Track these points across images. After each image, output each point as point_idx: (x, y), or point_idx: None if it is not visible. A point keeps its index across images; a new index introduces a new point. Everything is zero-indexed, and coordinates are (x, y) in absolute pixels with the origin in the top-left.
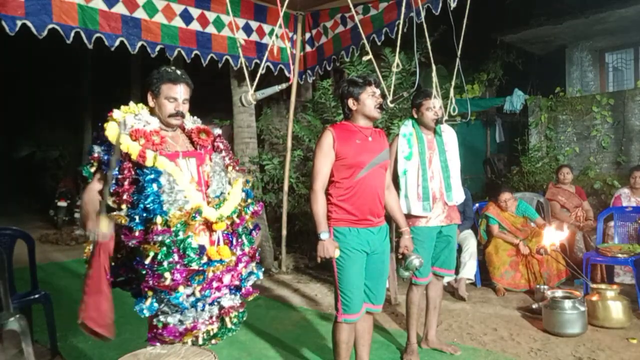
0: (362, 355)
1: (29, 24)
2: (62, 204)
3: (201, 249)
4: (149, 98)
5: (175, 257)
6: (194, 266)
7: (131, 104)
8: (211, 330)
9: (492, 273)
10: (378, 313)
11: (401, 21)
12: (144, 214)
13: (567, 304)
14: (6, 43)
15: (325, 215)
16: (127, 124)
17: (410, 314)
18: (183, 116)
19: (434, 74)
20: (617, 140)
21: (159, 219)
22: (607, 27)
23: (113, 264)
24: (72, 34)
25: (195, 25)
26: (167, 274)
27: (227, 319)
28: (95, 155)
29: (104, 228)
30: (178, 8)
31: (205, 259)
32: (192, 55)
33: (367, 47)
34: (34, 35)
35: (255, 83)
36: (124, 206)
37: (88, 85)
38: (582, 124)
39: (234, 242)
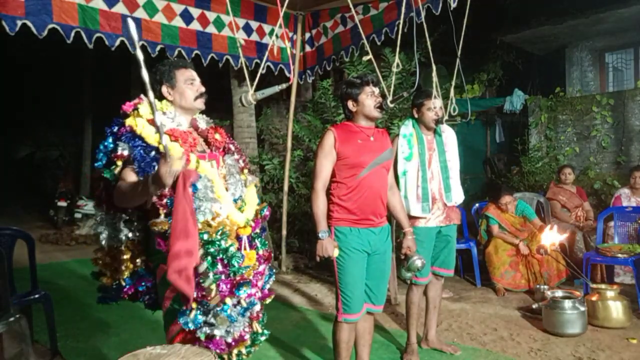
0: (362, 355)
1: (29, 23)
2: (62, 204)
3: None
4: (166, 91)
5: (220, 267)
6: (239, 276)
7: (142, 99)
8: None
9: (492, 273)
10: (378, 313)
11: (401, 21)
12: None
13: (567, 304)
14: (6, 43)
15: (325, 215)
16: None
17: (410, 314)
18: (206, 97)
19: (434, 74)
20: (617, 140)
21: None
22: (607, 27)
23: (128, 275)
24: (73, 34)
25: (195, 25)
26: (212, 286)
27: (256, 324)
28: (119, 153)
29: (177, 153)
30: (178, 8)
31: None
32: (193, 55)
33: (367, 47)
34: (34, 35)
35: (255, 83)
36: (162, 211)
37: (88, 86)
38: (582, 124)
39: (251, 245)
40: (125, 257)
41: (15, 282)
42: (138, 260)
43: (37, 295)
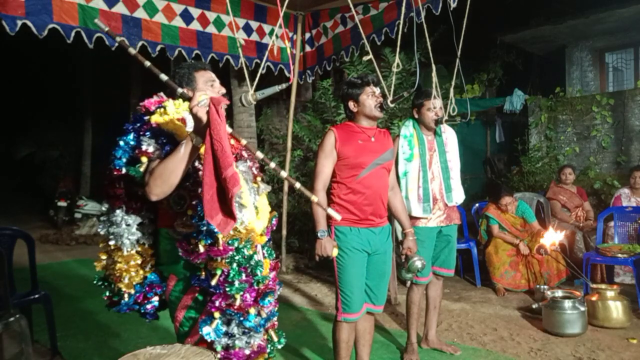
0: (362, 355)
1: (29, 23)
2: (62, 204)
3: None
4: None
5: (243, 275)
6: (262, 285)
7: (164, 97)
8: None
9: (492, 273)
10: (378, 313)
11: (401, 21)
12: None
13: (567, 304)
14: (6, 43)
15: (325, 215)
16: (188, 123)
17: (410, 313)
18: (227, 98)
19: (434, 74)
20: (617, 140)
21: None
22: (607, 27)
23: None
24: (73, 34)
25: (195, 25)
26: (237, 295)
27: (272, 333)
28: (144, 149)
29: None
30: (178, 8)
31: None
32: (193, 55)
33: (367, 47)
34: (34, 35)
35: (255, 83)
36: (189, 212)
37: (88, 86)
38: (582, 124)
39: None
40: (137, 261)
41: (15, 282)
42: (147, 267)
43: (37, 295)
